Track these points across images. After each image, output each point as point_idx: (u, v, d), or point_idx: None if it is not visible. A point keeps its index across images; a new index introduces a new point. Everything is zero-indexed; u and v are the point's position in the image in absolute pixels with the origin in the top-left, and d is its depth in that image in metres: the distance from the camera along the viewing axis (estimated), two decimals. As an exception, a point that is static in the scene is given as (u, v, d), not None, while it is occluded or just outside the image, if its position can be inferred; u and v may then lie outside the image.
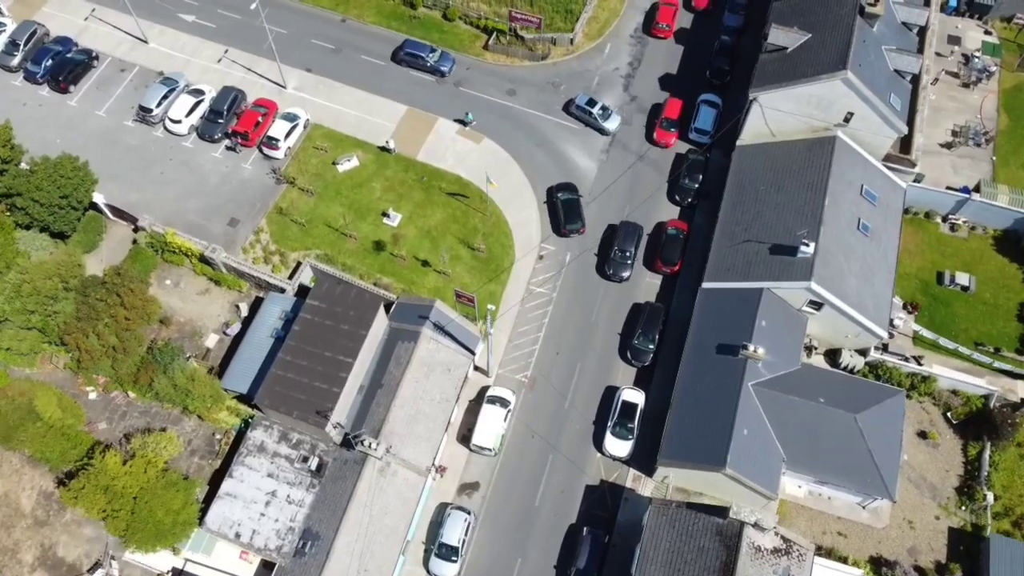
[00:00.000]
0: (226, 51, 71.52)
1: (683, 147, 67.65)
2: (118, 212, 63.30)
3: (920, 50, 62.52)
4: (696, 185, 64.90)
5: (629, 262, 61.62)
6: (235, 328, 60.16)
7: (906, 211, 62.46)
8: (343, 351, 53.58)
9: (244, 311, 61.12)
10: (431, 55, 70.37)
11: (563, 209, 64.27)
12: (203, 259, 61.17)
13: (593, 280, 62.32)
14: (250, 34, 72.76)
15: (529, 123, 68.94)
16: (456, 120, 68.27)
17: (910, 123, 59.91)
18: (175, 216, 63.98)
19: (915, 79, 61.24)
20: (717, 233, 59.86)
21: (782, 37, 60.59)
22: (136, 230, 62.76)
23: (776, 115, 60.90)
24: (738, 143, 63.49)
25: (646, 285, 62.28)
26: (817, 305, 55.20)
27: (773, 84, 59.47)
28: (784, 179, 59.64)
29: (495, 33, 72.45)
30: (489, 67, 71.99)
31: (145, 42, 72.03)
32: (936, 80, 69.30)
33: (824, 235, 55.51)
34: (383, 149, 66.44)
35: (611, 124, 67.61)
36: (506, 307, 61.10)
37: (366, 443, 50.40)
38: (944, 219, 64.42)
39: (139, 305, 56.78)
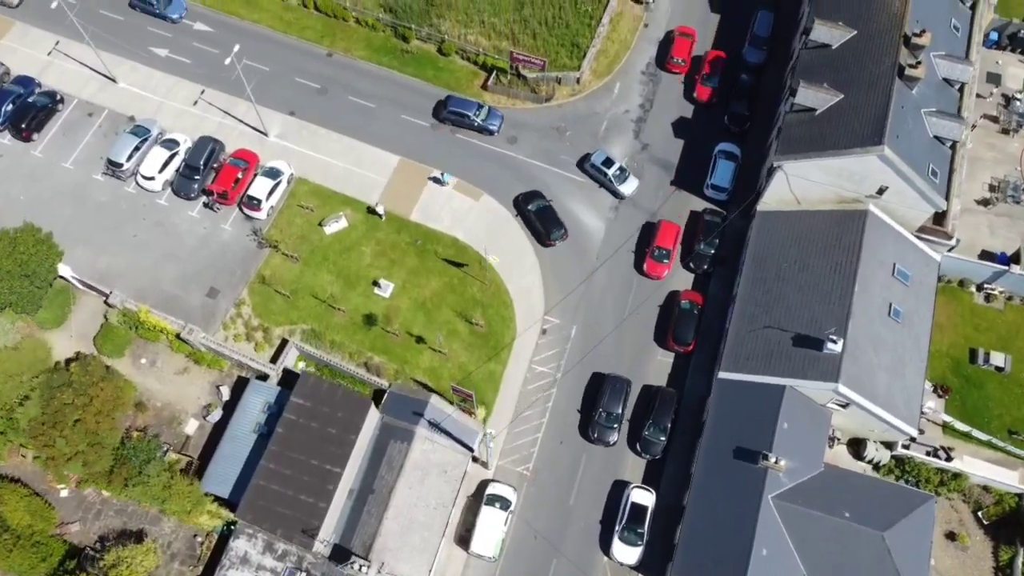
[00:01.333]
0: (202, 91, 65.68)
1: (700, 205, 62.68)
2: (88, 283, 58.65)
3: (960, 111, 56.90)
4: (712, 251, 60.02)
5: (615, 426, 54.88)
6: (216, 415, 56.06)
7: (938, 279, 57.88)
8: (330, 459, 49.60)
9: (226, 395, 56.95)
10: (478, 113, 63.99)
11: (538, 219, 60.52)
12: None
13: (599, 357, 58.02)
14: (228, 71, 66.74)
15: (532, 175, 63.60)
16: (432, 179, 63.00)
17: (947, 189, 54.86)
18: (150, 286, 59.30)
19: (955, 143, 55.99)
20: (735, 314, 55.31)
21: (811, 97, 54.94)
22: (108, 303, 58.14)
23: (802, 182, 55.75)
24: (759, 208, 58.43)
25: (657, 364, 57.94)
26: (843, 404, 51.10)
27: (801, 153, 54.13)
28: (809, 256, 54.80)
29: (495, 72, 66.52)
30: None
31: (114, 81, 66.15)
32: (974, 126, 63.71)
33: (853, 327, 51.05)
34: (371, 211, 61.32)
35: (627, 188, 62.23)
36: (507, 388, 57.01)
37: (356, 567, 46.83)
38: (979, 288, 59.77)
39: (111, 398, 52.57)
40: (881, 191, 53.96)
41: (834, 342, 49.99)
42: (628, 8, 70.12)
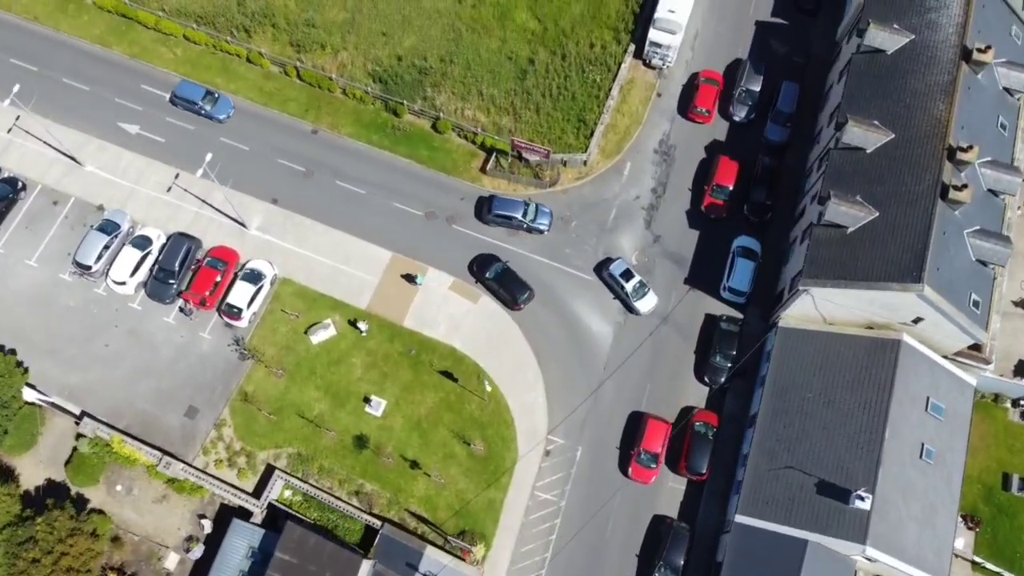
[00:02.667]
0: (177, 176, 60.30)
1: (716, 307, 58.10)
2: (57, 403, 54.56)
3: (1004, 226, 51.86)
4: (729, 364, 55.66)
5: None
6: (197, 552, 52.48)
7: (972, 399, 53.80)
8: (319, 625, 46.36)
9: (208, 527, 53.36)
10: (526, 213, 58.64)
11: (500, 285, 57.10)
12: (158, 463, 53.05)
13: (607, 482, 54.22)
14: (205, 150, 61.27)
15: (533, 273, 58.79)
16: (405, 276, 58.23)
17: (988, 316, 50.31)
18: (124, 405, 55.17)
19: (998, 260, 51.15)
20: (754, 448, 51.22)
21: (842, 214, 49.90)
22: (79, 429, 54.05)
23: (830, 304, 51.14)
24: (781, 324, 53.87)
25: (668, 491, 54.18)
26: (869, 557, 47.56)
27: (830, 280, 49.36)
28: (836, 389, 50.47)
29: (495, 153, 61.05)
30: (488, 196, 61.06)
31: (80, 164, 60.78)
32: (1020, 208, 58.47)
33: (883, 478, 47.11)
34: (352, 324, 56.76)
35: (644, 305, 56.96)
36: (508, 518, 53.41)
37: None
38: (1015, 403, 55.67)
39: (83, 552, 48.98)
40: (916, 321, 49.47)
41: (863, 499, 46.18)
42: (640, 75, 64.20)
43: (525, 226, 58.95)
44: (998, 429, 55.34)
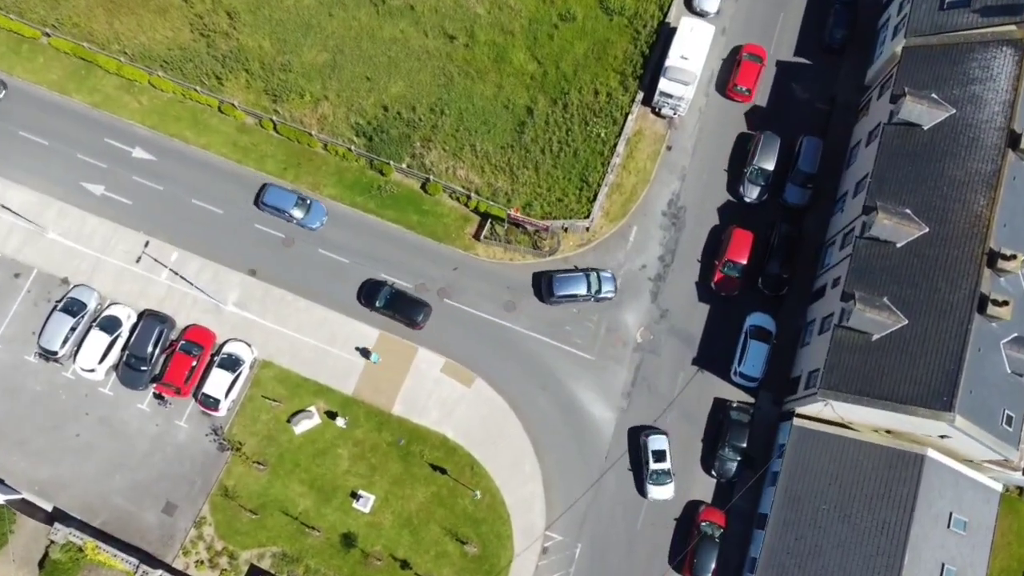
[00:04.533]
0: (147, 244, 55.46)
1: (725, 390, 54.41)
2: (28, 500, 51.73)
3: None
4: (739, 458, 52.34)
5: None
6: (181, 660, 50.70)
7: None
8: None
9: (190, 631, 51.37)
10: (590, 286, 54.47)
11: (394, 311, 54.14)
12: (136, 565, 50.52)
13: (608, 581, 51.91)
14: (176, 212, 56.80)
15: (531, 353, 54.94)
16: (359, 350, 54.59)
17: (1021, 434, 46.64)
18: (97, 501, 52.29)
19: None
20: (763, 563, 48.37)
21: (866, 321, 45.66)
22: (51, 535, 51.26)
23: (848, 410, 47.48)
24: (796, 424, 50.26)
25: (672, 592, 51.89)
26: None
27: (851, 395, 45.50)
28: (853, 504, 47.23)
29: (490, 220, 56.30)
30: (481, 266, 56.54)
31: (42, 230, 56.24)
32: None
33: (899, 607, 44.56)
34: (331, 417, 53.32)
35: (657, 493, 51.85)
36: (503, 621, 51.28)
37: None
38: (1040, 498, 52.71)
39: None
40: (942, 436, 45.90)
41: (878, 636, 43.69)
42: (648, 126, 58.78)
43: (593, 298, 54.90)
44: (1022, 526, 52.48)
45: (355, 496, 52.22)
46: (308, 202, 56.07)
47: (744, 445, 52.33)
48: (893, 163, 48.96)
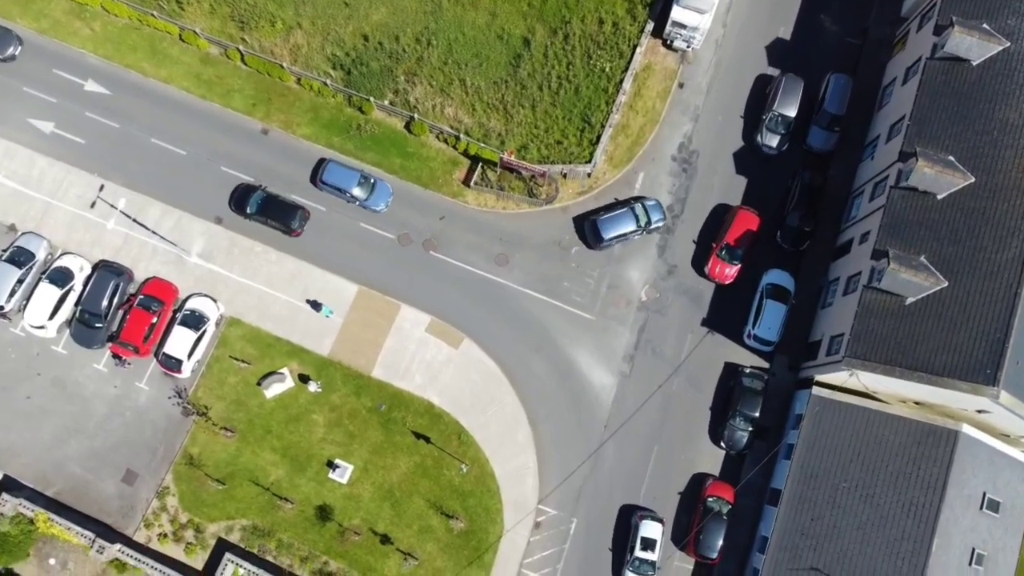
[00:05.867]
0: (102, 188, 50.23)
1: (737, 354, 49.71)
2: (-26, 468, 47.57)
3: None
4: (750, 429, 47.94)
5: None
6: (144, 639, 47.06)
7: None
8: None
9: (155, 608, 47.65)
10: (638, 220, 49.54)
11: (267, 217, 49.52)
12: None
13: (605, 559, 47.77)
14: (133, 153, 51.34)
15: (525, 311, 50.09)
16: (310, 302, 49.72)
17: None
18: (51, 469, 48.10)
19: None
20: (773, 543, 44.22)
21: (900, 282, 40.61)
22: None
23: (873, 379, 42.80)
24: (814, 393, 45.62)
25: (675, 571, 47.79)
26: None
27: (879, 364, 40.74)
28: (876, 483, 42.90)
29: (480, 164, 50.83)
30: (471, 215, 51.27)
31: (-14, 172, 51.00)
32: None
33: (925, 595, 40.60)
34: (303, 379, 48.73)
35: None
36: (491, 600, 47.49)
37: None
38: (1077, 475, 48.35)
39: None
40: (980, 412, 41.33)
41: (900, 628, 39.81)
42: (658, 60, 52.81)
43: (643, 233, 50.09)
44: (1055, 504, 48.29)
45: (332, 466, 47.98)
46: (372, 181, 50.10)
47: (756, 414, 47.84)
48: (935, 103, 43.27)
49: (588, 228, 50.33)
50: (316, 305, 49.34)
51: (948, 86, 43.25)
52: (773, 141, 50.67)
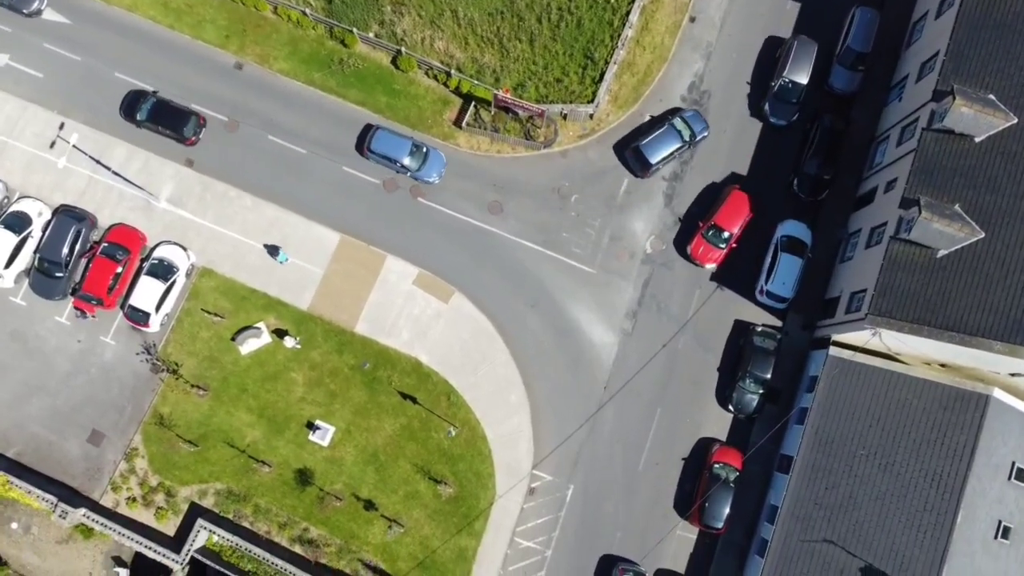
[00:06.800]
0: (62, 126, 46.13)
1: (748, 312, 46.26)
2: (-72, 426, 44.37)
3: None
4: (761, 391, 44.72)
5: None
6: (113, 607, 44.43)
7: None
8: None
9: (123, 574, 44.84)
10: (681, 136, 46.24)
11: (160, 126, 46.02)
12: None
13: (603, 528, 44.94)
14: (96, 88, 47.27)
15: (520, 264, 46.53)
16: (267, 247, 46.23)
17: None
18: (12, 429, 44.95)
19: None
20: (783, 512, 41.25)
21: (932, 233, 36.96)
22: (-45, 467, 44.23)
23: (900, 341, 39.42)
24: (832, 353, 42.22)
25: (677, 541, 44.97)
26: (918, 659, 39.02)
27: (906, 322, 37.31)
28: (897, 451, 39.78)
29: (473, 103, 46.76)
30: (463, 159, 47.32)
31: (-64, 108, 46.92)
32: None
33: (948, 571, 37.66)
34: (279, 334, 45.25)
35: None
36: (482, 570, 44.51)
37: None
38: (1108, 443, 45.27)
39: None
40: (1014, 375, 38.04)
41: (920, 606, 37.00)
42: (668, -10, 48.55)
43: (689, 148, 46.93)
44: (1083, 473, 45.30)
45: (312, 427, 44.82)
46: (424, 150, 46.20)
47: (768, 376, 44.50)
48: (975, 37, 39.13)
49: (631, 157, 46.67)
50: (273, 250, 45.62)
51: (990, 17, 39.03)
52: (781, 112, 46.68)
